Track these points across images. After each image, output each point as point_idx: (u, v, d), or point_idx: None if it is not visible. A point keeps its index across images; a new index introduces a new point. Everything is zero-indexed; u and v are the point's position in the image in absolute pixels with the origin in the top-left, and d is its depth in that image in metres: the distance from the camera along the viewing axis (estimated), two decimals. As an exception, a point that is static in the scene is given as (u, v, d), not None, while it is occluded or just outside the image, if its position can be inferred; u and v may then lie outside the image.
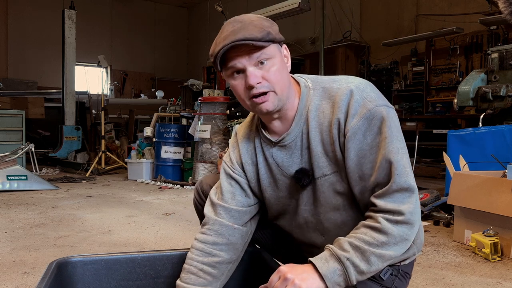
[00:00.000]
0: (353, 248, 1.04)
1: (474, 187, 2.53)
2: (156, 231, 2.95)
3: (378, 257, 1.03)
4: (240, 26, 1.09)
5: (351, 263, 1.03)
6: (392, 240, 1.04)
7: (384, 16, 7.94)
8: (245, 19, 1.12)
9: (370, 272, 1.04)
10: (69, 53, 7.24)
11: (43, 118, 8.07)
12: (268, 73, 1.10)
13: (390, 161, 1.07)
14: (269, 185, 1.27)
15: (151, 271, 1.35)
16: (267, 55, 1.10)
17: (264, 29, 1.09)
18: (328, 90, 1.16)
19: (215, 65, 1.14)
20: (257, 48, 1.09)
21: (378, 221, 1.05)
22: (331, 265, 1.03)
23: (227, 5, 7.90)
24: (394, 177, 1.06)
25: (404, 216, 1.04)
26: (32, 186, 4.68)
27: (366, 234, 1.05)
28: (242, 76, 1.12)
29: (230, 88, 1.19)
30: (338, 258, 1.03)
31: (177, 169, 5.62)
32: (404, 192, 1.06)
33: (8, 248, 2.50)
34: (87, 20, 10.13)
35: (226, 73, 1.15)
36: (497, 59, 3.73)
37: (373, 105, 1.09)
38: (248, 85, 1.10)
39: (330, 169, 1.16)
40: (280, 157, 1.22)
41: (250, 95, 1.12)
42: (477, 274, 2.09)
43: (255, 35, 1.07)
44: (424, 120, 6.66)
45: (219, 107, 5.04)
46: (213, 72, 6.57)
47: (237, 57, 1.10)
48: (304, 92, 1.19)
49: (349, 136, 1.09)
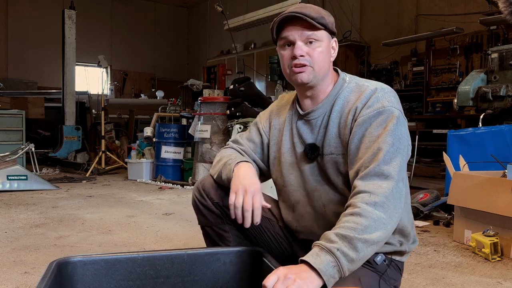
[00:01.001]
0: (339, 238, 1.08)
1: (474, 187, 2.53)
2: (156, 231, 2.95)
3: (363, 242, 1.08)
4: (302, 5, 1.28)
5: (341, 252, 1.06)
6: (373, 223, 1.09)
7: (384, 16, 7.94)
8: (308, 4, 1.32)
9: (358, 259, 1.08)
10: (69, 53, 7.24)
11: (43, 118, 8.06)
12: (313, 51, 1.27)
13: (380, 148, 1.18)
14: (288, 150, 1.41)
15: (151, 271, 1.35)
16: (317, 36, 1.27)
17: (321, 14, 1.27)
18: (360, 85, 1.32)
19: (272, 32, 1.32)
20: (310, 27, 1.25)
21: (357, 206, 1.12)
22: (324, 259, 1.06)
23: (227, 5, 7.91)
24: (377, 162, 1.16)
25: (379, 198, 1.12)
26: (32, 186, 4.68)
27: (348, 221, 1.11)
28: (291, 48, 1.28)
29: (279, 57, 1.36)
30: (329, 250, 1.07)
31: (177, 169, 5.62)
32: (383, 178, 1.15)
33: (8, 248, 2.50)
34: (87, 20, 10.13)
35: (279, 43, 1.33)
36: (497, 59, 3.73)
37: (390, 105, 1.23)
38: (293, 55, 1.27)
39: (339, 150, 1.29)
40: (302, 128, 1.38)
41: (292, 64, 1.28)
42: (477, 274, 2.09)
43: (311, 14, 1.25)
44: (424, 120, 6.65)
45: (219, 107, 5.04)
46: (213, 72, 6.56)
47: (291, 29, 1.27)
48: (340, 82, 1.35)
49: (358, 122, 1.23)
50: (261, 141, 1.49)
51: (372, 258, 1.29)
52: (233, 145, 1.53)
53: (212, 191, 1.44)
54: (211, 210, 1.45)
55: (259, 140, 1.49)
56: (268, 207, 1.33)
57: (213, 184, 1.46)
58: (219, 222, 1.45)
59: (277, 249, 1.49)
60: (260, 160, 1.49)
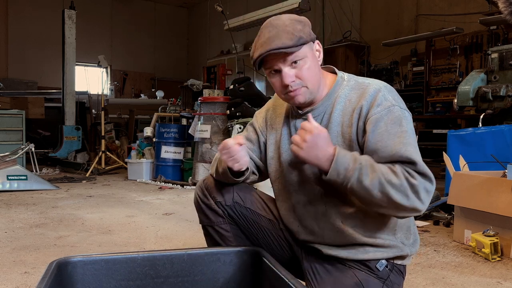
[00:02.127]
0: (369, 164, 1.17)
1: (474, 187, 2.53)
2: (156, 231, 2.95)
3: (380, 184, 1.15)
4: (275, 33, 1.26)
5: (359, 169, 1.16)
6: (399, 185, 1.15)
7: (384, 16, 7.94)
8: (280, 24, 1.28)
9: (366, 188, 1.16)
10: (69, 53, 7.24)
11: (43, 118, 8.06)
12: (301, 71, 1.28)
13: (408, 153, 1.18)
14: (287, 149, 1.40)
15: (151, 271, 1.35)
16: (299, 56, 1.27)
17: (296, 35, 1.25)
18: (360, 83, 1.33)
19: (254, 66, 1.32)
20: (290, 52, 1.25)
21: (396, 168, 1.17)
22: (347, 157, 1.18)
23: (227, 5, 7.90)
24: (417, 165, 1.18)
25: (416, 181, 1.15)
26: (32, 186, 4.68)
27: (383, 167, 1.18)
28: (279, 75, 1.29)
29: (270, 82, 1.37)
30: (355, 159, 1.18)
31: (177, 169, 5.62)
32: (425, 177, 1.17)
33: (8, 248, 2.50)
34: (87, 20, 10.13)
35: (265, 71, 1.35)
36: (497, 59, 3.73)
37: (396, 103, 1.25)
38: (283, 84, 1.29)
39: None
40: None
41: (286, 91, 1.31)
42: (477, 274, 2.09)
43: (287, 44, 1.24)
44: (424, 120, 6.65)
45: (219, 107, 5.04)
46: (213, 72, 6.56)
47: (273, 60, 1.28)
48: (339, 81, 1.36)
49: (371, 121, 1.23)
50: (257, 140, 1.49)
51: (374, 264, 1.30)
52: None
53: (215, 191, 1.45)
54: (213, 210, 1.45)
55: (255, 139, 1.50)
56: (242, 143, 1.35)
57: (215, 184, 1.46)
58: (220, 221, 1.45)
59: (278, 250, 1.48)
60: (258, 159, 1.49)
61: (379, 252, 1.30)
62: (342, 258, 1.32)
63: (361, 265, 1.31)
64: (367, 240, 1.29)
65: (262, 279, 1.33)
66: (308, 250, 1.41)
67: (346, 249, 1.32)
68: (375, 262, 1.30)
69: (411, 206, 1.15)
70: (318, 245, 1.36)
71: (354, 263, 1.32)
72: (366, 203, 1.22)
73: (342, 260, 1.33)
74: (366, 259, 1.30)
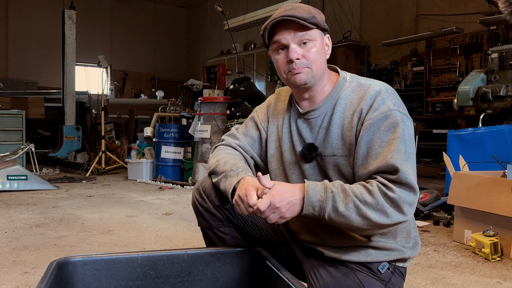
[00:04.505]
0: (341, 189, 1.16)
1: (474, 187, 2.53)
2: (156, 231, 2.95)
3: (356, 207, 1.13)
4: (291, 7, 1.25)
5: (332, 196, 1.15)
6: (375, 204, 1.13)
7: (384, 16, 7.94)
8: (297, 4, 1.28)
9: (343, 215, 1.14)
10: (69, 53, 7.23)
11: (43, 118, 8.06)
12: (308, 52, 1.25)
13: (394, 161, 1.16)
14: (288, 148, 1.39)
15: (151, 271, 1.35)
16: (310, 36, 1.24)
17: (312, 13, 1.24)
18: (361, 85, 1.30)
19: (263, 38, 1.28)
20: (302, 28, 1.23)
21: (372, 184, 1.15)
22: (317, 189, 1.16)
23: (227, 5, 7.91)
24: (399, 173, 1.15)
25: (395, 194, 1.13)
26: (32, 186, 4.68)
27: (357, 188, 1.16)
28: (285, 51, 1.26)
29: (273, 62, 1.33)
30: (326, 187, 1.17)
31: (177, 169, 5.62)
32: (406, 186, 1.15)
33: (8, 248, 2.50)
34: (87, 20, 10.13)
35: (271, 48, 1.30)
36: (497, 59, 3.73)
37: (395, 108, 1.22)
38: (288, 59, 1.25)
39: (341, 152, 1.27)
40: (302, 127, 1.36)
41: (289, 69, 1.26)
42: (477, 274, 2.09)
43: (302, 15, 1.22)
44: (424, 120, 6.66)
45: (219, 107, 5.04)
46: (213, 72, 6.56)
47: (283, 32, 1.24)
48: (341, 82, 1.33)
49: (366, 126, 1.21)
50: (259, 136, 1.46)
51: (376, 267, 1.29)
52: (230, 140, 1.48)
53: (213, 193, 1.39)
54: (212, 213, 1.41)
55: (257, 135, 1.46)
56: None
57: (213, 186, 1.40)
58: (219, 224, 1.42)
59: (278, 251, 1.47)
60: (257, 156, 1.46)
61: (381, 254, 1.29)
62: (344, 260, 1.32)
63: (363, 267, 1.30)
64: (369, 243, 1.29)
65: (263, 279, 1.33)
66: (309, 251, 1.40)
67: (348, 251, 1.31)
68: (377, 265, 1.29)
69: (393, 222, 1.14)
70: (319, 247, 1.35)
71: (356, 265, 1.31)
72: (349, 230, 1.21)
73: (343, 262, 1.32)
74: (368, 261, 1.30)
